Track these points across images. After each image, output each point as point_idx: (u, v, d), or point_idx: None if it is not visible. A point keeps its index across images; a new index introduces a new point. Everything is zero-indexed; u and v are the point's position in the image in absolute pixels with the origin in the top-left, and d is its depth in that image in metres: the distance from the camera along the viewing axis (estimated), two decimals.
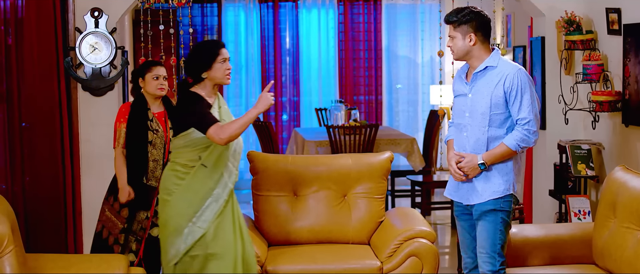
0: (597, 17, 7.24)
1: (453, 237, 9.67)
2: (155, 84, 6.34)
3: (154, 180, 6.32)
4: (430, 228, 6.62)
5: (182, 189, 5.70)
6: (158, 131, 6.33)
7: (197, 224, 5.68)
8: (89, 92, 7.03)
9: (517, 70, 5.36)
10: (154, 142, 6.31)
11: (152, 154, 6.30)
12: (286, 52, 13.62)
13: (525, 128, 5.32)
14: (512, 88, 5.32)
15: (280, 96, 13.60)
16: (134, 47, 11.03)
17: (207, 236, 5.68)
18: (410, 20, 13.71)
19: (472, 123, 5.46)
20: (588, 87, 7.18)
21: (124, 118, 6.31)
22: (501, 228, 5.41)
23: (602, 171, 7.21)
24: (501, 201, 5.40)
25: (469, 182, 5.49)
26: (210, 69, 5.67)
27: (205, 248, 5.69)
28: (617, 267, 5.56)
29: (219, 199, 5.72)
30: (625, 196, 5.61)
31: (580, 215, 7.02)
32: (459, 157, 5.47)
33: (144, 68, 6.39)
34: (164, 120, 6.39)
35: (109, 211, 6.38)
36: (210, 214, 5.69)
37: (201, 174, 5.70)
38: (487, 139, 5.40)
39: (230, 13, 13.48)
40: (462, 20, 5.41)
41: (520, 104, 5.32)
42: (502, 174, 5.42)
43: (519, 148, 5.35)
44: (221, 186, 5.73)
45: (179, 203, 5.70)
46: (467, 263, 5.68)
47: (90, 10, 6.91)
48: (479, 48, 5.43)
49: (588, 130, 7.38)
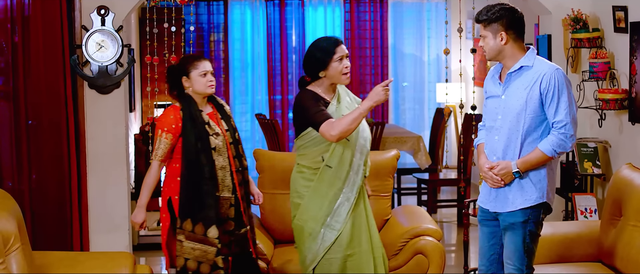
0: (603, 15, 7.23)
1: (459, 235, 9.67)
2: (204, 81, 5.76)
3: (226, 190, 5.73)
4: (436, 226, 6.62)
5: (311, 192, 5.64)
6: (218, 134, 5.74)
7: (331, 227, 5.61)
8: (95, 90, 7.04)
9: (554, 70, 5.09)
10: (218, 148, 5.70)
11: (218, 161, 5.70)
12: (292, 50, 13.63)
13: (561, 132, 5.04)
14: (549, 89, 5.04)
15: (286, 94, 13.60)
16: (140, 45, 11.03)
17: (342, 237, 5.61)
18: (417, 18, 13.70)
19: (504, 126, 5.19)
20: (594, 85, 7.17)
21: (170, 128, 5.66)
22: (528, 240, 5.17)
23: (608, 169, 7.20)
24: (531, 211, 5.15)
25: (502, 189, 5.23)
26: (327, 68, 5.64)
27: (342, 250, 5.62)
28: (624, 265, 5.56)
29: (350, 199, 5.63)
30: (632, 194, 5.61)
31: (587, 213, 7.01)
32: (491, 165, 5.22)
33: (187, 65, 5.79)
34: (216, 120, 5.84)
35: (188, 239, 5.62)
36: (343, 215, 5.61)
37: (327, 175, 5.62)
38: (520, 143, 5.14)
39: (236, 11, 13.48)
40: (491, 19, 5.14)
41: (557, 106, 5.05)
42: (535, 181, 5.15)
43: (555, 154, 5.08)
44: (349, 185, 5.64)
45: (310, 207, 5.63)
46: (481, 271, 5.47)
47: (97, 8, 6.91)
48: (512, 47, 5.16)
49: (594, 128, 7.37)
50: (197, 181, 5.60)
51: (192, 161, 5.61)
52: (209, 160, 5.62)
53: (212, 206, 5.61)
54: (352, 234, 5.63)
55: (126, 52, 7.12)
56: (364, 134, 5.71)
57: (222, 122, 5.84)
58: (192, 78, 5.73)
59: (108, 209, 7.11)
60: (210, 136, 5.67)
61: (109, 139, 7.10)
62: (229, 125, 5.87)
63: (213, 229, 5.58)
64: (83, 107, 7.02)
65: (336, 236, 5.59)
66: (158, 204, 10.50)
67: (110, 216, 7.12)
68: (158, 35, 7.31)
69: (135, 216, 5.74)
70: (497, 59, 5.25)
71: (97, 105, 7.06)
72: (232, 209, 5.74)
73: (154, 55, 7.25)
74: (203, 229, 5.58)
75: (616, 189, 5.83)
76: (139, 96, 11.06)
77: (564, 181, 7.53)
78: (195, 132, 5.63)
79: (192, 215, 5.59)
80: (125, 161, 7.15)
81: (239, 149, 5.88)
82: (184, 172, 5.63)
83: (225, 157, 5.72)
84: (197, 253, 5.59)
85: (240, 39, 13.48)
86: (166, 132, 5.65)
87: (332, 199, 5.60)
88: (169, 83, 5.83)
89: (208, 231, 5.58)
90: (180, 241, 5.61)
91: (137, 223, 5.75)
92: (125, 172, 7.15)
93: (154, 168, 5.72)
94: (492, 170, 5.22)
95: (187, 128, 5.64)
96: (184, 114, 5.67)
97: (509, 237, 5.21)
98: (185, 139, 5.64)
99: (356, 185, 5.65)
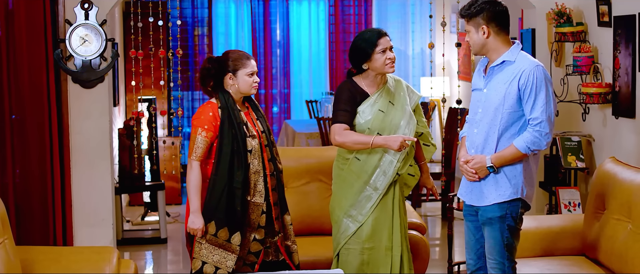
0: (587, 9, 7.24)
1: (443, 229, 9.69)
2: (250, 81, 5.52)
3: (257, 195, 5.47)
4: (420, 220, 6.64)
5: (340, 181, 5.76)
6: (255, 135, 5.51)
7: (353, 218, 5.69)
8: (79, 85, 7.01)
9: (534, 66, 5.07)
10: (253, 151, 5.45)
11: (253, 165, 5.45)
12: (277, 44, 13.63)
13: (536, 129, 5.03)
14: (527, 85, 5.03)
15: (270, 88, 13.60)
16: (124, 39, 11.01)
17: (362, 229, 5.68)
18: (401, 12, 13.72)
19: (484, 120, 5.20)
20: (578, 79, 7.18)
21: (210, 125, 5.43)
22: (507, 234, 5.16)
23: (592, 163, 7.22)
24: (508, 206, 5.15)
25: (478, 183, 5.24)
26: (370, 59, 5.66)
27: (361, 242, 5.69)
28: (607, 259, 5.58)
29: (375, 193, 5.68)
30: (616, 187, 5.63)
31: (571, 207, 7.03)
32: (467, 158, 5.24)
33: (236, 62, 5.52)
34: (252, 121, 5.61)
35: (209, 243, 5.42)
36: (366, 208, 5.68)
37: (355, 166, 5.70)
38: (497, 138, 5.14)
39: (221, 5, 13.47)
40: (473, 13, 5.14)
41: (534, 103, 5.03)
42: (510, 177, 5.14)
43: (529, 151, 5.06)
44: (377, 179, 5.67)
45: (338, 194, 5.76)
46: (470, 265, 5.47)
47: (80, 2, 6.88)
48: (495, 40, 5.14)
49: (578, 122, 7.39)
50: (228, 184, 5.37)
51: (226, 163, 5.38)
52: (244, 163, 5.39)
53: (240, 212, 5.40)
54: (374, 228, 5.68)
55: (110, 46, 7.09)
56: (405, 132, 5.71)
57: (258, 123, 5.64)
58: (239, 77, 5.50)
59: (92, 204, 7.09)
60: (247, 138, 5.45)
61: (93, 133, 7.08)
62: (265, 126, 5.68)
63: (237, 236, 5.39)
64: (67, 101, 6.99)
65: (357, 227, 5.68)
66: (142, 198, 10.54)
67: (94, 210, 7.10)
68: (142, 29, 7.28)
69: (193, 222, 5.39)
70: (482, 53, 5.25)
71: (81, 99, 7.04)
72: (263, 216, 5.51)
73: (139, 50, 7.23)
74: (227, 234, 5.39)
75: (600, 183, 5.85)
76: (123, 90, 11.04)
77: (547, 175, 7.55)
78: (233, 132, 5.40)
79: (217, 219, 5.38)
80: (109, 156, 7.13)
81: (273, 152, 5.67)
82: (215, 174, 5.40)
83: (260, 160, 5.50)
84: (215, 258, 5.40)
85: (224, 34, 13.48)
86: (206, 131, 5.42)
87: (357, 190, 5.68)
88: (206, 75, 5.57)
89: (232, 237, 5.39)
90: (199, 242, 5.43)
91: (197, 229, 5.38)
92: (109, 167, 7.13)
93: (195, 169, 5.42)
94: (467, 163, 5.24)
95: (224, 128, 5.42)
96: (223, 113, 5.45)
97: (488, 232, 5.22)
98: (221, 139, 5.41)
99: (385, 181, 5.68)
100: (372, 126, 5.68)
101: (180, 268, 8.44)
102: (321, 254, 6.24)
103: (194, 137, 5.45)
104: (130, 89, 10.82)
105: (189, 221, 5.43)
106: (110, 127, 7.21)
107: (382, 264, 5.70)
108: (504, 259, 5.19)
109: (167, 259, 8.87)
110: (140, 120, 9.24)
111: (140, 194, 10.72)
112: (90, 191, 7.08)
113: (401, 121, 5.70)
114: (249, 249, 5.53)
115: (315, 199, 6.78)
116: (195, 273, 5.43)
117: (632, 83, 6.44)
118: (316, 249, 6.34)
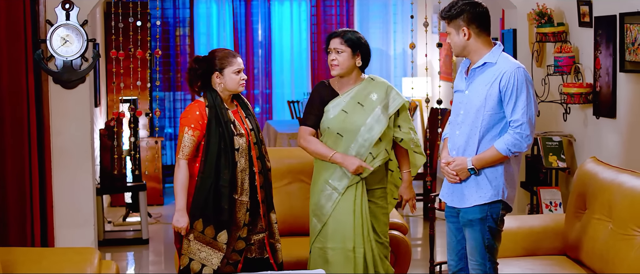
0: (568, 9, 7.27)
1: (425, 229, 9.70)
2: (237, 79, 5.54)
3: (244, 194, 5.49)
4: (402, 220, 6.65)
5: (313, 179, 5.86)
6: (242, 134, 5.52)
7: (317, 217, 5.76)
8: (60, 85, 6.99)
9: (515, 68, 5.03)
10: (241, 149, 5.47)
11: (240, 163, 5.46)
12: (258, 44, 13.62)
13: (517, 131, 4.99)
14: (508, 87, 4.99)
15: (252, 88, 13.59)
16: (106, 39, 10.98)
17: (325, 229, 5.72)
18: (383, 12, 13.73)
19: (465, 121, 5.17)
20: (559, 79, 7.21)
21: (197, 124, 5.44)
22: (488, 235, 5.14)
23: (573, 163, 7.25)
24: (488, 208, 5.13)
25: (459, 185, 5.22)
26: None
27: (324, 242, 5.74)
28: (588, 258, 5.60)
29: (335, 193, 5.70)
30: (596, 187, 5.64)
31: (552, 207, 7.05)
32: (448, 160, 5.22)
33: (222, 61, 5.54)
34: (240, 119, 5.61)
35: (196, 240, 5.45)
36: (327, 207, 5.71)
37: (319, 165, 5.78)
38: (478, 140, 5.12)
39: (202, 6, 13.45)
40: (453, 15, 5.10)
41: (515, 105, 5.00)
42: (491, 179, 5.11)
43: (510, 153, 5.03)
44: (337, 178, 5.69)
45: (310, 191, 5.86)
46: (451, 266, 5.44)
47: (61, 3, 6.86)
48: (475, 42, 5.11)
49: (559, 122, 7.42)
50: (215, 182, 5.39)
51: (212, 161, 5.40)
52: (231, 162, 5.41)
53: (226, 210, 5.41)
54: (334, 229, 5.70)
55: (91, 46, 7.07)
56: (366, 136, 5.69)
57: (247, 121, 5.64)
58: (226, 75, 5.51)
59: (73, 205, 7.07)
60: (234, 136, 5.46)
61: (74, 134, 7.05)
62: (254, 124, 5.69)
63: (223, 234, 5.41)
64: (48, 102, 6.97)
65: (320, 227, 5.74)
66: (124, 199, 10.50)
67: (76, 211, 7.08)
68: (123, 29, 7.27)
69: (178, 221, 5.42)
70: (463, 55, 5.22)
71: (62, 100, 7.01)
72: (247, 214, 5.53)
73: (120, 50, 7.21)
74: (213, 232, 5.41)
75: (581, 182, 5.86)
76: (104, 91, 11.01)
77: (529, 175, 7.58)
78: (220, 131, 5.41)
79: (204, 216, 5.41)
80: (90, 157, 7.11)
81: (262, 149, 5.67)
82: (202, 172, 5.42)
83: (247, 159, 5.51)
84: (202, 255, 5.43)
85: (206, 34, 13.46)
86: (193, 129, 5.43)
87: (320, 188, 5.74)
88: (193, 76, 5.58)
89: (218, 235, 5.42)
90: (188, 239, 5.45)
91: (182, 228, 5.41)
92: (90, 168, 7.11)
93: (183, 167, 5.44)
94: (448, 165, 5.23)
95: (211, 127, 5.43)
96: (210, 112, 5.46)
97: (469, 233, 5.21)
98: (208, 138, 5.43)
99: (343, 181, 5.68)
100: (332, 125, 5.71)
101: (162, 268, 8.42)
102: (304, 255, 6.23)
103: (182, 136, 5.45)
104: (111, 89, 10.79)
105: (174, 219, 5.44)
106: (92, 128, 7.20)
107: (345, 266, 5.70)
108: (485, 260, 5.18)
109: (149, 260, 8.85)
110: (122, 121, 9.22)
111: (121, 195, 10.69)
112: (71, 192, 7.06)
113: (362, 127, 5.67)
114: (233, 247, 5.54)
115: (297, 199, 6.78)
116: (183, 270, 5.47)
117: (613, 83, 6.47)
118: (298, 249, 6.33)
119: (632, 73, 6.21)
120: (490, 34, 5.23)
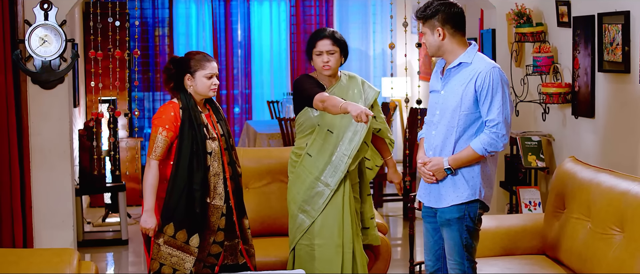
0: (547, 9, 7.29)
1: (405, 229, 9.72)
2: (208, 84, 5.47)
3: (217, 198, 5.45)
4: (382, 220, 6.65)
5: (294, 176, 5.87)
6: (215, 138, 5.48)
7: (307, 213, 5.78)
8: (38, 86, 6.96)
9: (490, 68, 5.04)
10: (213, 153, 5.43)
11: (212, 167, 5.43)
12: (238, 44, 13.61)
13: (493, 131, 5.00)
14: (484, 87, 5.00)
15: (232, 88, 13.58)
16: (84, 39, 10.94)
17: (315, 225, 5.77)
18: (362, 12, 13.75)
19: (441, 121, 5.16)
20: (538, 79, 7.23)
21: (171, 125, 5.39)
22: (466, 235, 5.15)
23: (552, 163, 7.27)
24: (466, 207, 5.14)
25: (436, 185, 5.22)
26: (312, 59, 5.92)
27: (312, 239, 5.78)
28: (567, 258, 5.62)
29: (327, 189, 5.74)
30: (575, 187, 5.67)
31: (531, 206, 7.07)
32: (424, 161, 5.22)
33: (194, 64, 5.48)
34: (213, 124, 5.57)
35: (167, 244, 5.39)
36: (319, 204, 5.76)
37: (307, 162, 5.80)
38: (455, 140, 5.12)
39: (181, 6, 13.43)
40: (427, 15, 5.10)
41: (490, 104, 5.01)
42: (468, 178, 5.11)
43: (486, 152, 5.03)
44: (327, 175, 5.74)
45: (292, 189, 5.87)
46: (428, 266, 5.45)
47: (40, 3, 6.83)
48: (450, 42, 5.11)
49: (538, 122, 7.44)
50: (188, 185, 5.34)
51: (185, 164, 5.34)
52: (203, 165, 5.37)
53: (199, 214, 5.37)
54: (323, 224, 5.76)
55: (70, 47, 7.05)
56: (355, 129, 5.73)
57: (219, 126, 5.60)
58: (197, 78, 5.46)
59: (52, 206, 7.04)
60: (207, 140, 5.42)
61: (53, 134, 7.03)
62: (225, 129, 5.65)
63: (195, 238, 5.36)
64: (26, 102, 6.94)
65: (308, 224, 5.78)
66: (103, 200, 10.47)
67: (55, 212, 7.05)
68: (102, 29, 7.24)
69: (145, 221, 5.37)
70: (438, 55, 5.22)
71: (41, 100, 6.99)
72: (223, 219, 5.49)
73: (98, 50, 7.18)
74: (186, 236, 5.36)
75: (560, 182, 5.88)
76: (83, 91, 10.97)
77: (508, 175, 7.60)
78: (193, 134, 5.37)
79: (175, 220, 5.35)
80: (69, 157, 7.08)
81: (232, 155, 5.63)
82: (174, 175, 5.36)
83: (220, 163, 5.47)
84: (174, 259, 5.37)
85: (185, 34, 13.44)
86: (167, 131, 5.38)
87: (309, 186, 5.78)
88: (167, 76, 5.54)
89: (191, 239, 5.36)
90: (157, 244, 5.39)
91: (149, 229, 5.37)
92: (69, 168, 7.09)
93: (153, 168, 5.38)
94: (425, 166, 5.23)
95: (184, 129, 5.38)
96: (184, 114, 5.41)
97: (447, 233, 5.21)
98: (180, 140, 5.37)
99: (335, 177, 5.74)
100: (322, 122, 5.77)
101: (142, 269, 8.40)
102: (283, 255, 6.22)
103: (154, 136, 5.40)
104: (90, 89, 10.74)
105: (142, 220, 5.40)
106: (71, 128, 7.17)
107: (333, 262, 5.74)
108: (464, 259, 5.18)
109: (129, 260, 8.83)
110: (101, 121, 9.19)
111: (101, 196, 10.66)
112: (50, 193, 7.04)
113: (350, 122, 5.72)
114: (209, 251, 5.51)
115: (276, 200, 6.77)
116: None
117: (591, 83, 6.49)
118: (276, 249, 6.33)
119: (610, 73, 6.24)
120: (466, 35, 5.23)
